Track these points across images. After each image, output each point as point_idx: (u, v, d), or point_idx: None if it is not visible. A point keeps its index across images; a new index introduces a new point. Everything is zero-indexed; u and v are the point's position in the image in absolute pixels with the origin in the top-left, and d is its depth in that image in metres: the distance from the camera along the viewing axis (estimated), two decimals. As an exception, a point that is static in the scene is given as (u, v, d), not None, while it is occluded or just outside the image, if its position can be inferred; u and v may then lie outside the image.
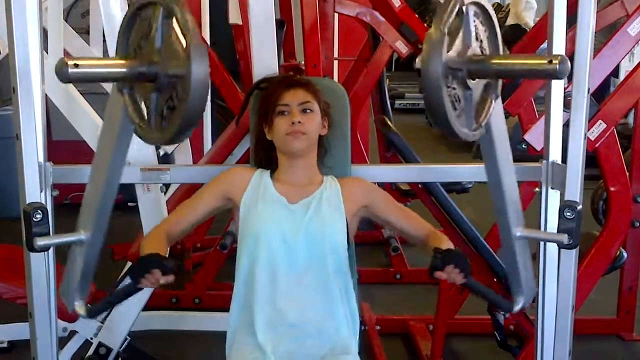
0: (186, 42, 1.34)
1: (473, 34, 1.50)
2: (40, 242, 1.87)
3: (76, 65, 1.38)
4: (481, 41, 1.54)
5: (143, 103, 1.51)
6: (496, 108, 1.64)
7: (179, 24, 1.37)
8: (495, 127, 1.73)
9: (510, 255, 2.03)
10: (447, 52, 1.41)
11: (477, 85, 1.53)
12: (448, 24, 1.39)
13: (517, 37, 3.88)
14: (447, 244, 1.93)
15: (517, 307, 2.07)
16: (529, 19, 9.97)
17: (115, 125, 1.72)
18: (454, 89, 1.46)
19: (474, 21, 1.51)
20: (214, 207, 2.09)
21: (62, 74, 1.38)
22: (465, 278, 1.80)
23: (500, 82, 1.61)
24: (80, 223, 1.93)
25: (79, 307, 1.99)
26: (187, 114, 1.35)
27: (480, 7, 1.52)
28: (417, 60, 1.41)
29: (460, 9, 1.43)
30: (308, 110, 2.06)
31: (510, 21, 10.38)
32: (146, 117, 1.50)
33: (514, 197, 1.94)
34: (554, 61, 1.42)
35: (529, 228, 2.02)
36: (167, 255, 1.87)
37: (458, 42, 1.46)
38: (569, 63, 1.43)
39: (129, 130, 1.64)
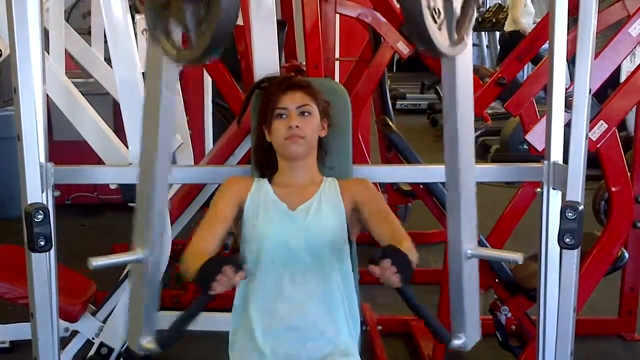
0: None
1: None
2: (95, 262, 1.78)
3: None
4: None
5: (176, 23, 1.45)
6: (465, 100, 1.60)
7: None
8: (461, 115, 1.67)
9: (456, 278, 1.87)
10: None
11: None
12: None
13: (516, 43, 3.88)
14: (404, 249, 1.71)
15: (455, 343, 1.87)
16: (527, 25, 9.98)
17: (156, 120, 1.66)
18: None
19: None
20: (234, 213, 2.04)
21: None
22: (402, 282, 1.63)
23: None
24: (137, 240, 1.83)
25: (150, 344, 1.84)
26: (221, 20, 1.27)
27: None
28: None
29: None
30: (306, 113, 2.05)
31: (508, 27, 10.40)
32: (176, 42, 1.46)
33: (471, 207, 1.82)
34: None
35: (526, 231, 1.95)
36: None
37: None
38: None
39: (171, 119, 1.58)
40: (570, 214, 1.93)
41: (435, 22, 1.39)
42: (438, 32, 1.40)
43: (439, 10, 1.41)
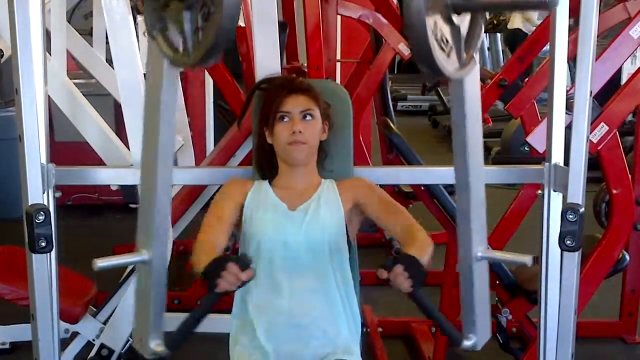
0: None
1: None
2: (100, 263, 1.75)
3: None
4: None
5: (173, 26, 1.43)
6: (473, 112, 1.60)
7: None
8: (470, 121, 1.66)
9: (467, 280, 1.87)
10: None
11: (462, 20, 1.44)
12: None
13: (518, 41, 3.89)
14: (416, 250, 1.77)
15: (466, 344, 1.87)
16: (529, 24, 9.95)
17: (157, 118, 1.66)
18: (440, 29, 1.38)
19: None
20: (237, 213, 2.05)
21: None
22: (413, 287, 1.64)
23: (486, 14, 1.53)
24: (140, 242, 1.82)
25: (158, 347, 1.81)
26: (220, 29, 1.25)
27: None
28: None
29: None
30: (309, 118, 2.05)
31: (511, 25, 10.38)
32: (180, 47, 1.43)
33: (480, 210, 1.81)
34: None
35: (527, 233, 1.94)
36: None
37: None
38: None
39: (172, 119, 1.59)
40: (571, 216, 1.93)
41: (444, 50, 1.39)
42: (446, 60, 1.39)
43: (446, 40, 1.40)
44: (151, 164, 1.74)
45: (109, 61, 3.45)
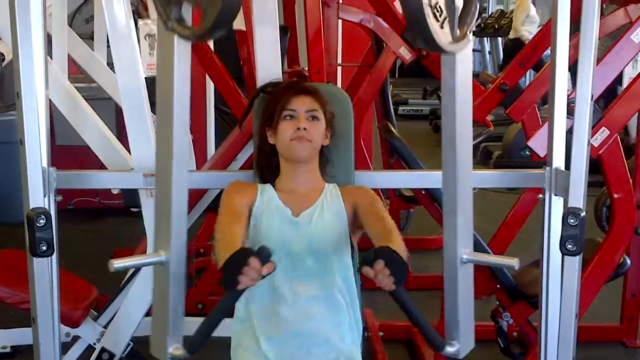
0: None
1: None
2: (116, 264, 1.72)
3: None
4: None
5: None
6: (464, 101, 1.59)
7: None
8: (459, 117, 1.65)
9: (451, 283, 1.84)
10: None
11: None
12: None
13: (517, 50, 3.89)
14: (394, 246, 1.70)
15: (448, 350, 1.82)
16: (528, 34, 9.97)
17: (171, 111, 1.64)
18: None
19: None
20: (248, 215, 2.02)
21: None
22: (395, 285, 1.61)
23: None
24: (158, 243, 1.78)
25: (177, 350, 1.76)
26: None
27: None
28: None
29: None
30: (314, 118, 2.06)
31: (511, 35, 10.41)
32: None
33: (467, 211, 1.79)
34: None
35: (528, 237, 1.94)
36: None
37: None
38: None
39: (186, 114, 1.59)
40: (572, 220, 1.93)
41: (437, 20, 1.39)
42: (440, 30, 1.39)
43: (440, 8, 1.40)
44: (166, 162, 1.69)
45: (110, 65, 3.45)
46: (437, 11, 1.39)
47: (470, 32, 1.50)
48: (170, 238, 1.73)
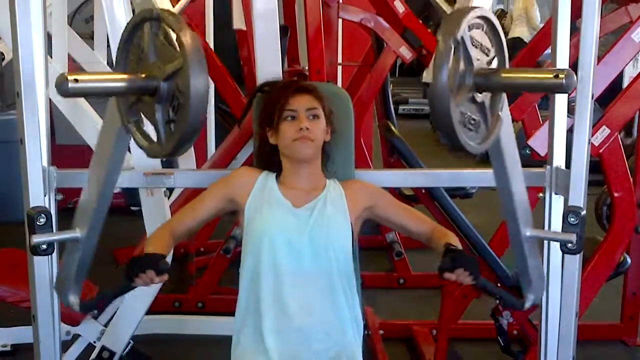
0: (180, 51, 1.37)
1: (479, 47, 1.50)
2: (37, 239, 1.88)
3: (76, 80, 1.40)
4: (487, 53, 1.54)
5: (146, 119, 1.53)
6: (504, 115, 1.64)
7: (168, 37, 1.41)
8: (504, 134, 1.72)
9: (520, 254, 2.04)
10: (455, 66, 1.41)
11: (484, 98, 1.54)
12: (456, 38, 1.39)
13: (517, 50, 3.90)
14: (453, 239, 1.97)
15: (527, 304, 2.09)
16: (527, 34, 9.96)
17: (113, 129, 1.73)
18: (467, 109, 1.48)
19: (481, 34, 1.51)
20: (219, 208, 2.10)
21: (63, 89, 1.40)
22: (475, 280, 1.82)
23: (505, 94, 1.62)
24: (77, 222, 1.95)
25: (73, 301, 2.01)
26: (189, 122, 1.37)
27: (487, 20, 1.52)
28: (424, 74, 1.41)
29: (467, 23, 1.43)
30: (315, 117, 2.06)
31: (512, 34, 10.40)
32: (149, 134, 1.53)
33: (524, 200, 1.95)
34: (560, 75, 1.42)
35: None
36: (170, 253, 1.95)
37: (465, 56, 1.46)
38: (575, 77, 1.43)
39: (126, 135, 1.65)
40: (572, 219, 1.94)
41: (471, 130, 1.50)
42: (466, 134, 1.48)
43: (473, 120, 1.51)
44: (103, 158, 1.85)
45: (110, 64, 3.45)
46: (471, 123, 1.50)
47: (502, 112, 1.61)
48: (89, 219, 1.93)
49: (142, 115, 1.55)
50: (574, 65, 2.06)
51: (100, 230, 1.96)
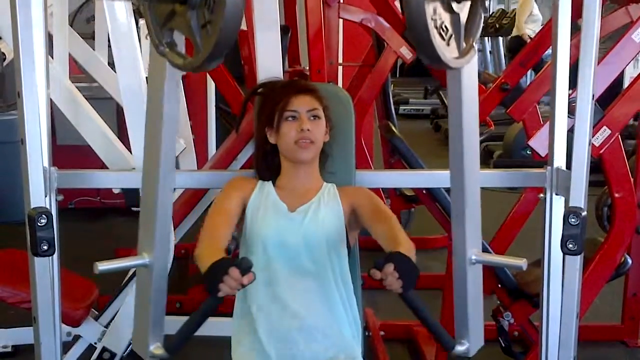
0: None
1: None
2: (101, 266, 1.78)
3: None
4: None
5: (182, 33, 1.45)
6: (470, 107, 1.60)
7: None
8: (466, 117, 1.67)
9: (460, 284, 1.88)
10: None
11: (462, 8, 1.45)
12: None
13: (519, 48, 3.89)
14: (404, 250, 1.72)
15: (458, 349, 1.90)
16: (531, 31, 9.97)
17: (160, 120, 1.68)
18: (440, 16, 1.39)
19: None
20: (239, 213, 2.05)
21: None
22: (403, 289, 1.64)
23: (485, 3, 1.53)
24: (141, 245, 1.84)
25: (157, 349, 1.84)
26: (226, 16, 1.26)
27: None
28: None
29: None
30: (316, 117, 2.06)
31: (514, 32, 10.41)
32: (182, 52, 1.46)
33: (475, 212, 1.83)
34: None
35: (529, 237, 1.95)
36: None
37: None
38: None
39: (173, 125, 1.60)
40: (573, 220, 1.93)
41: (444, 39, 1.39)
42: (446, 48, 1.40)
43: (446, 27, 1.41)
44: (153, 168, 1.75)
45: (111, 65, 3.45)
46: (443, 31, 1.40)
47: (475, 43, 1.50)
48: (154, 241, 1.79)
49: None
50: (574, 65, 2.06)
51: (171, 251, 1.82)
